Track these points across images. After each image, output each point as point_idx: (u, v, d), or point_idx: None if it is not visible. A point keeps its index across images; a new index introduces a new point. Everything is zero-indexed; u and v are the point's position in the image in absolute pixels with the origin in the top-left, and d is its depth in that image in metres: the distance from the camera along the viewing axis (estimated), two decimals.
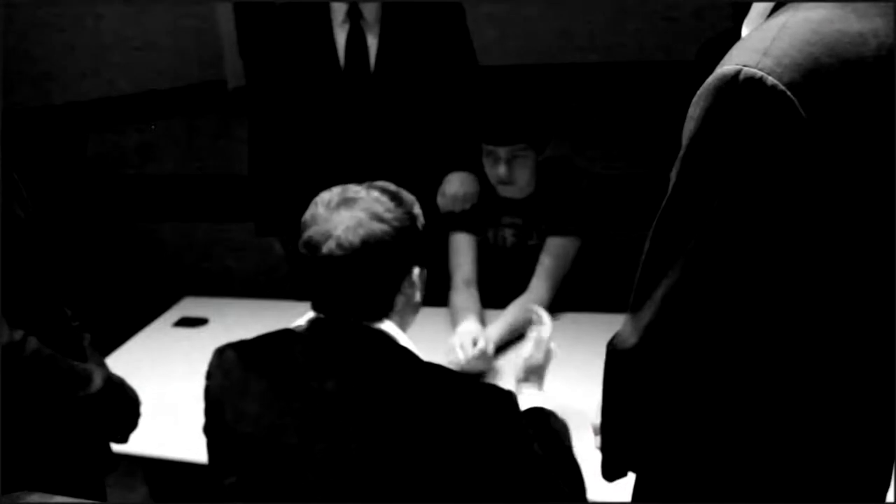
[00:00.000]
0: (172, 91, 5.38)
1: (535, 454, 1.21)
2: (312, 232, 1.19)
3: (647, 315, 0.90)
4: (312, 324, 1.23)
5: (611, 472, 1.06)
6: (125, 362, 1.98)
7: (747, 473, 0.98)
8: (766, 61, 0.81)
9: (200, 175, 4.59)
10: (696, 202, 0.86)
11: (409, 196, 1.28)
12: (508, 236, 2.25)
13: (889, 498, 1.12)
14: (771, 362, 0.91)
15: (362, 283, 1.19)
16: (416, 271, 1.26)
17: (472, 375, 1.81)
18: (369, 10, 2.21)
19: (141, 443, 1.58)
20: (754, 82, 0.81)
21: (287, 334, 1.24)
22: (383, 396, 1.14)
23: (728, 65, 0.84)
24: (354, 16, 2.21)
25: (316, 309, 1.23)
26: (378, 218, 1.18)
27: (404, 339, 1.23)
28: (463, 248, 2.22)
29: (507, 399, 1.18)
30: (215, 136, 5.30)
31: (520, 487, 1.16)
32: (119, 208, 4.16)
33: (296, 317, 1.27)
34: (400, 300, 1.24)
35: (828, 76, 0.81)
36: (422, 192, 2.18)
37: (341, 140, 2.28)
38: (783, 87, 0.80)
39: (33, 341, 1.29)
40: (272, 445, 1.16)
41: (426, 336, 1.49)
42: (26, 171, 1.47)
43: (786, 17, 0.86)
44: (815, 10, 0.86)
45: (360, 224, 1.17)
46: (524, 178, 2.12)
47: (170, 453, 1.70)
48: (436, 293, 2.14)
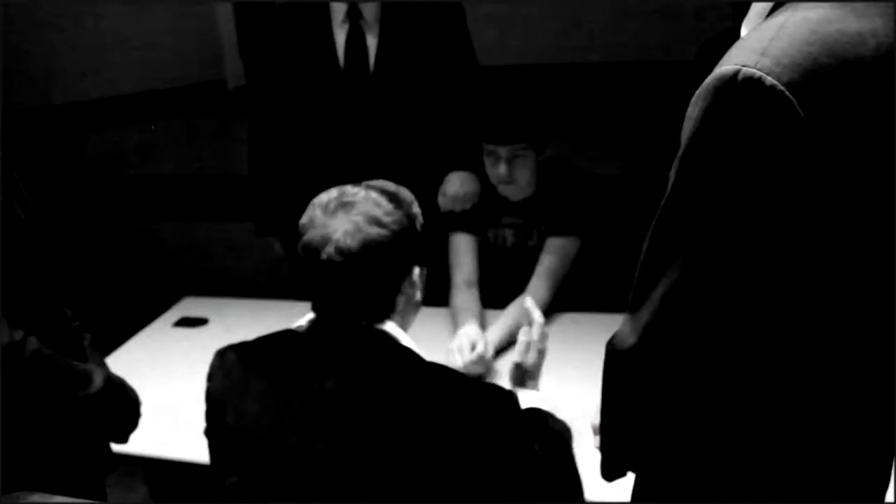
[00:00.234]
0: (172, 91, 5.38)
1: (536, 455, 1.21)
2: (311, 236, 1.18)
3: (645, 315, 0.90)
4: (313, 324, 1.23)
5: (610, 471, 1.06)
6: (125, 362, 1.98)
7: (747, 473, 0.98)
8: (765, 61, 0.81)
9: (200, 175, 4.59)
10: (694, 202, 0.86)
11: (407, 195, 1.27)
12: (508, 236, 2.25)
13: (889, 497, 1.12)
14: (770, 362, 0.92)
15: (362, 287, 1.18)
16: (417, 271, 1.26)
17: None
18: (369, 10, 2.21)
19: (141, 443, 1.58)
20: (753, 82, 0.81)
21: (288, 335, 1.24)
22: (385, 397, 1.14)
23: (727, 65, 0.84)
24: (354, 16, 2.21)
25: (316, 311, 1.23)
26: (376, 222, 1.17)
27: (406, 339, 1.23)
28: (463, 248, 2.22)
29: (508, 399, 1.18)
30: (215, 136, 5.30)
31: (520, 488, 1.16)
32: (119, 208, 4.16)
33: (296, 317, 1.27)
34: (401, 300, 1.24)
35: (826, 76, 0.81)
36: (422, 192, 2.19)
37: (341, 140, 2.28)
38: (782, 87, 0.80)
39: (33, 341, 1.29)
40: (273, 446, 1.16)
41: (427, 336, 1.49)
42: (26, 171, 1.47)
43: (784, 17, 0.86)
44: (814, 9, 0.86)
45: (358, 229, 1.16)
46: (524, 177, 2.12)
47: (170, 453, 1.70)
48: (436, 293, 2.14)
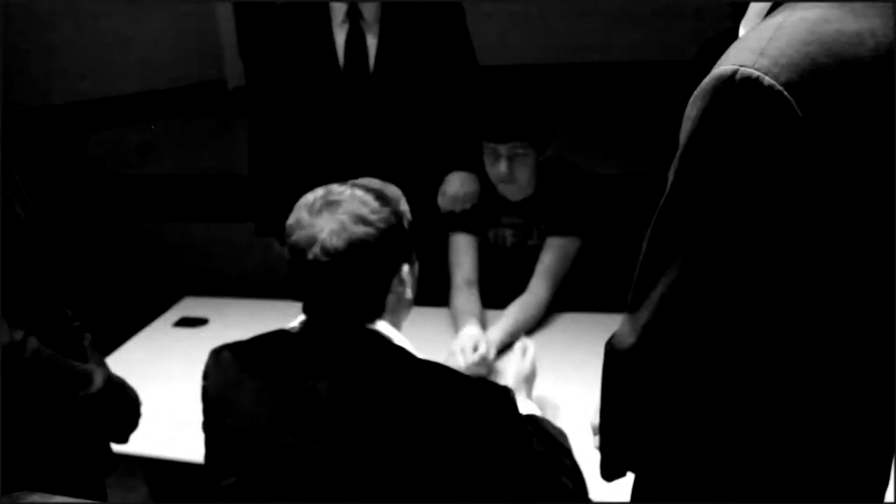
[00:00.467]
0: (172, 91, 5.39)
1: (535, 450, 1.21)
2: (297, 237, 1.17)
3: (644, 315, 0.90)
4: (305, 325, 1.22)
5: (609, 471, 1.06)
6: (125, 362, 1.98)
7: (746, 473, 0.98)
8: (763, 61, 0.82)
9: (200, 175, 4.59)
10: (693, 202, 0.86)
11: (394, 192, 1.25)
12: (508, 236, 2.25)
13: (889, 497, 1.12)
14: (769, 361, 0.92)
15: (350, 287, 1.18)
16: (406, 268, 1.24)
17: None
18: (369, 10, 2.21)
19: (141, 443, 1.58)
20: (751, 82, 0.81)
21: (282, 335, 1.24)
22: (380, 396, 1.14)
23: (725, 65, 0.84)
24: (354, 16, 2.21)
25: (307, 312, 1.23)
26: (362, 220, 1.16)
27: (399, 337, 1.23)
28: (463, 248, 2.22)
29: (504, 396, 1.18)
30: (215, 136, 5.30)
31: (520, 484, 1.16)
32: (119, 208, 4.16)
33: (295, 317, 1.27)
34: (391, 299, 1.23)
35: (825, 76, 0.81)
36: (422, 192, 2.20)
37: (341, 140, 2.28)
38: (780, 87, 0.80)
39: (34, 341, 1.29)
40: (269, 445, 1.16)
41: (426, 336, 1.49)
42: (26, 171, 1.47)
43: (782, 17, 0.86)
44: (812, 9, 0.86)
45: (344, 228, 1.15)
46: (524, 176, 2.12)
47: (170, 453, 1.70)
48: (436, 293, 2.14)
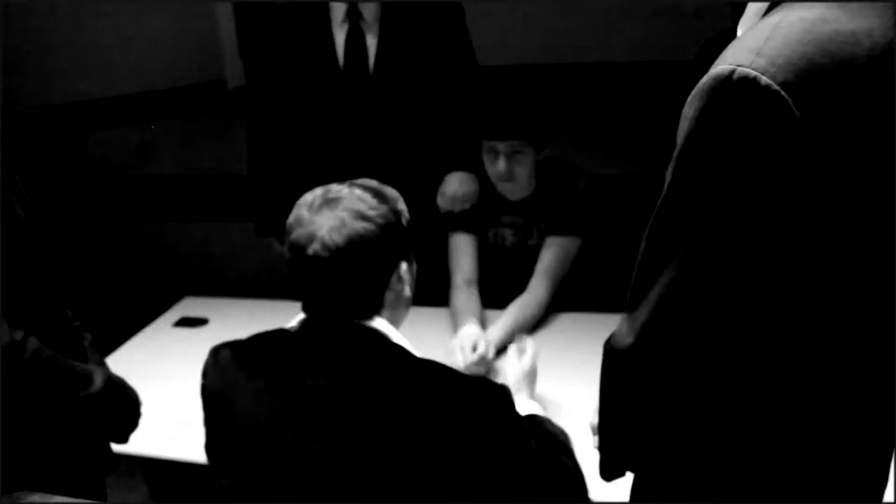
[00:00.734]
0: (172, 91, 5.39)
1: (533, 448, 1.21)
2: (297, 234, 1.19)
3: (643, 314, 0.90)
4: (304, 323, 1.23)
5: (609, 471, 1.06)
6: (125, 362, 1.98)
7: (745, 473, 0.98)
8: (760, 61, 0.82)
9: (200, 175, 4.59)
10: (690, 202, 0.86)
11: (392, 192, 1.27)
12: (508, 236, 2.25)
13: (888, 497, 1.12)
14: (767, 361, 0.92)
15: (349, 282, 1.19)
16: (404, 266, 1.26)
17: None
18: (368, 10, 2.21)
19: (141, 443, 1.58)
20: (748, 82, 0.81)
21: (280, 334, 1.25)
22: (377, 393, 1.14)
23: (722, 65, 0.84)
24: (353, 16, 2.21)
25: (306, 310, 1.24)
26: (361, 216, 1.18)
27: (397, 335, 1.24)
28: (463, 248, 2.22)
29: (501, 393, 1.18)
30: (215, 136, 5.30)
31: (518, 481, 1.16)
32: (119, 208, 4.16)
33: (296, 317, 1.27)
34: (389, 296, 1.24)
35: (822, 76, 0.82)
36: (422, 192, 2.20)
37: (341, 140, 2.29)
38: (777, 87, 0.80)
39: (34, 341, 1.29)
40: (268, 444, 1.16)
41: (426, 336, 1.49)
42: (26, 171, 1.47)
43: (779, 17, 0.86)
44: (810, 9, 0.86)
45: (343, 224, 1.17)
46: (524, 175, 2.13)
47: (170, 453, 1.70)
48: (436, 293, 2.14)
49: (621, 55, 5.52)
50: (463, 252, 2.21)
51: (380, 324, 1.22)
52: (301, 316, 1.24)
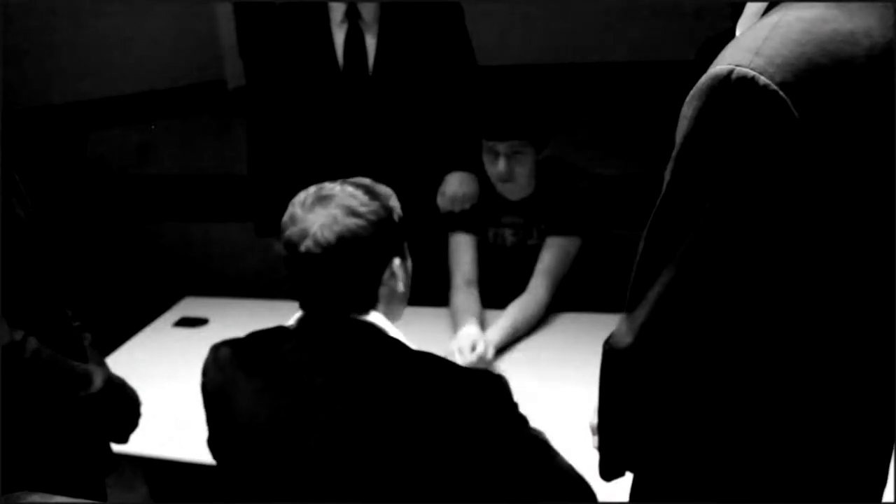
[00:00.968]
0: (172, 91, 5.39)
1: (532, 436, 1.21)
2: (290, 232, 1.21)
3: (642, 314, 0.91)
4: (302, 320, 1.24)
5: (609, 471, 1.06)
6: (125, 362, 1.98)
7: (745, 472, 0.98)
8: (758, 61, 0.82)
9: (200, 175, 4.59)
10: (689, 201, 0.86)
11: (384, 189, 1.28)
12: (508, 236, 2.25)
13: (888, 497, 1.12)
14: (766, 361, 0.92)
15: (342, 278, 1.20)
16: (397, 262, 1.27)
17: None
18: (368, 10, 2.21)
19: (141, 443, 1.58)
20: (746, 82, 0.81)
21: (279, 331, 1.26)
22: (375, 387, 1.15)
23: (721, 64, 0.84)
24: (353, 16, 2.21)
25: (303, 307, 1.25)
26: (353, 213, 1.19)
27: (393, 330, 1.25)
28: (463, 248, 2.22)
29: (498, 383, 1.19)
30: (215, 136, 5.30)
31: (519, 470, 1.17)
32: (119, 208, 4.16)
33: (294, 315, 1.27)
34: (383, 291, 1.25)
35: (820, 76, 0.82)
36: (421, 192, 2.20)
37: (340, 140, 2.29)
38: (775, 87, 0.81)
39: (34, 341, 1.29)
40: (268, 442, 1.17)
41: (426, 336, 1.49)
42: (26, 171, 1.47)
43: (778, 17, 0.86)
44: (808, 9, 0.86)
45: (335, 220, 1.18)
46: (524, 175, 2.13)
47: (170, 453, 1.71)
48: (436, 293, 2.14)
49: (621, 55, 5.52)
50: (463, 252, 2.22)
51: (375, 318, 1.23)
52: (299, 314, 1.25)
